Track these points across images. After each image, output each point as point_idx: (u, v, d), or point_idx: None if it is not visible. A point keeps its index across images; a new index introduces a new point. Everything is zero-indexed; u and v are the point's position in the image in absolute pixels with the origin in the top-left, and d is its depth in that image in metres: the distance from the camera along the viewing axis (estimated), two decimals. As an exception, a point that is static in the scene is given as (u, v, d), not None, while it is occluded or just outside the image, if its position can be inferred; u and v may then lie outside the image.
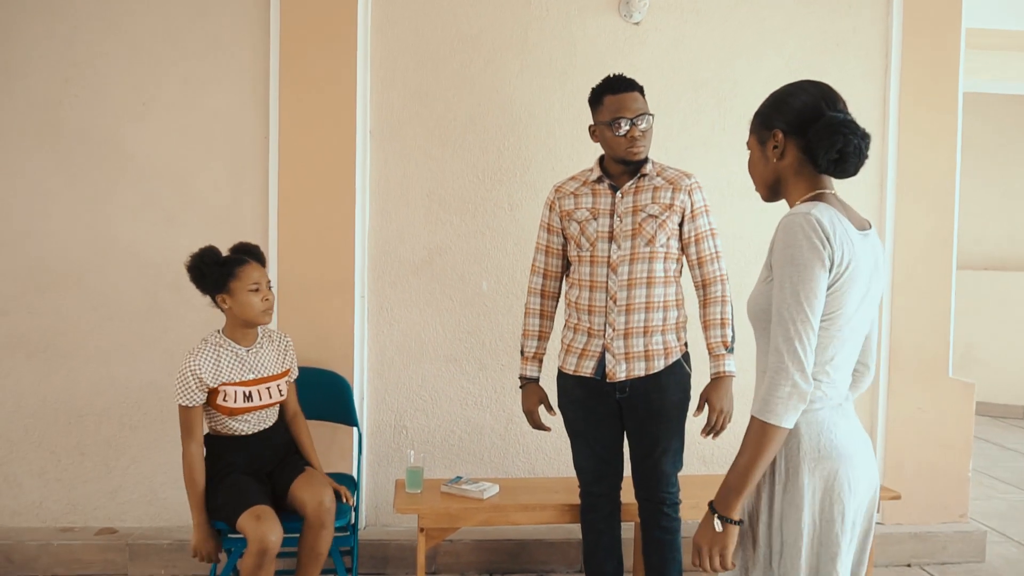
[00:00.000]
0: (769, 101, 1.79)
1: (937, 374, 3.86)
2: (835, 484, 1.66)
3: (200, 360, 2.78)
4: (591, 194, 2.78)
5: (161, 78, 3.47)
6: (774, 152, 1.75)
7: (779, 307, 1.62)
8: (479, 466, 3.66)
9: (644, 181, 2.75)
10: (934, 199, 3.81)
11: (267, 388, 2.88)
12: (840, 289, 1.63)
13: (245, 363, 2.85)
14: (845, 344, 1.70)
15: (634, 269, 2.71)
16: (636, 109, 2.68)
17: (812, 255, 1.59)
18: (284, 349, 3.00)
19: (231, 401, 2.80)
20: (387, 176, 3.56)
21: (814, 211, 1.62)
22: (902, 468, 3.83)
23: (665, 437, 2.76)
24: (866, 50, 3.76)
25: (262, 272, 2.84)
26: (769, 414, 1.62)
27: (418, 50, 3.55)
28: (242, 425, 2.87)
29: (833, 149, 1.66)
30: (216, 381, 2.78)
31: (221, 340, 2.85)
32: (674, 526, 2.82)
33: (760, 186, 1.84)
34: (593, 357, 2.76)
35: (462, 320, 3.63)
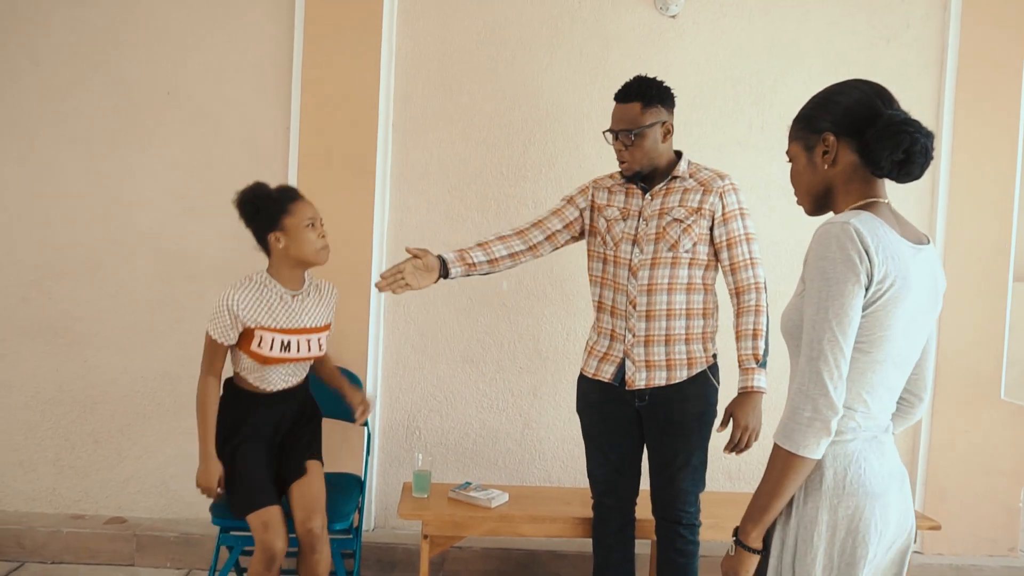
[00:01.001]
0: (814, 103, 1.63)
1: (987, 395, 3.61)
2: (860, 524, 1.50)
3: (240, 296, 2.58)
4: (624, 193, 2.67)
5: (184, 67, 3.44)
6: (824, 158, 1.59)
7: (808, 325, 1.48)
8: (493, 471, 3.54)
9: (675, 183, 2.62)
10: (991, 206, 3.56)
11: (307, 340, 2.66)
12: (882, 309, 1.47)
13: (289, 309, 2.64)
14: (887, 371, 1.53)
15: (655, 274, 2.58)
16: (621, 122, 2.56)
17: (846, 269, 1.44)
18: (329, 301, 2.78)
19: (266, 348, 2.59)
20: (408, 170, 3.47)
21: (854, 220, 1.47)
22: (945, 495, 3.59)
23: (684, 451, 2.61)
24: (920, 46, 3.53)
25: (315, 208, 2.65)
26: (788, 441, 1.47)
27: (444, 42, 3.45)
28: (271, 377, 2.69)
29: (899, 149, 1.49)
30: (253, 322, 2.59)
31: (267, 280, 2.64)
32: (690, 549, 2.65)
33: (805, 198, 1.66)
34: (613, 362, 2.65)
35: (480, 320, 3.51)
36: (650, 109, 2.56)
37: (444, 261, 2.58)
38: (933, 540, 3.58)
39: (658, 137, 2.57)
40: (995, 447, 3.61)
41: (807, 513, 1.52)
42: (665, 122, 2.58)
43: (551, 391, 3.53)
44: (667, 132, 2.59)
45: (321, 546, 2.65)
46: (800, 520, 1.53)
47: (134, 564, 3.39)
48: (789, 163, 1.70)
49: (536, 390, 3.53)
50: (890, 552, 1.57)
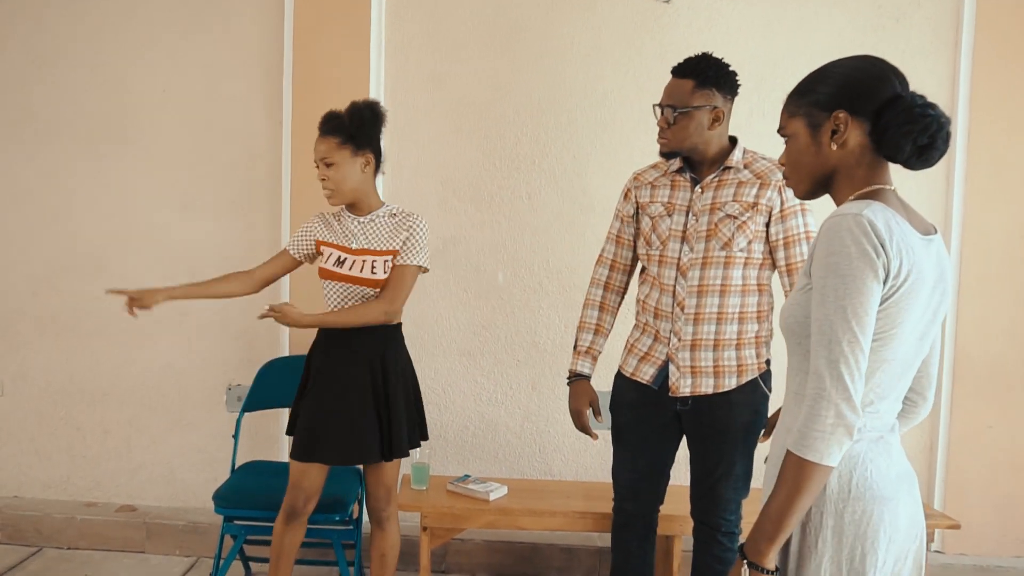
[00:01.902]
0: (822, 76, 1.49)
1: (1010, 388, 3.43)
2: (868, 530, 1.41)
3: (319, 217, 2.67)
4: (670, 186, 2.46)
5: (179, 65, 3.49)
6: (834, 139, 1.46)
7: (821, 324, 1.36)
8: (492, 464, 3.52)
9: (729, 174, 2.38)
10: (1011, 192, 3.38)
11: (363, 261, 2.55)
12: (896, 304, 1.37)
13: (348, 229, 2.61)
14: (896, 369, 1.43)
15: (706, 275, 2.37)
16: (670, 97, 2.36)
17: (863, 264, 1.33)
18: (400, 228, 2.59)
19: (324, 261, 2.59)
20: (400, 163, 3.46)
21: (867, 211, 1.35)
22: (966, 492, 3.43)
23: (727, 460, 2.42)
24: (932, 25, 3.36)
25: (327, 146, 2.52)
26: (807, 450, 1.35)
27: (434, 33, 3.42)
28: (332, 298, 2.61)
29: (926, 133, 1.38)
30: (323, 237, 2.62)
31: (340, 209, 2.67)
32: (728, 556, 2.49)
33: (804, 180, 1.53)
34: (655, 364, 2.45)
35: (477, 313, 3.49)
36: (703, 90, 2.33)
37: (587, 376, 2.59)
38: (955, 539, 3.42)
39: (704, 122, 2.34)
40: (1021, 442, 3.43)
41: (811, 519, 1.43)
42: (716, 107, 2.34)
43: (550, 384, 3.49)
44: (717, 119, 2.35)
45: (390, 526, 2.72)
46: (805, 527, 1.43)
47: (144, 551, 3.48)
48: (785, 140, 1.56)
49: (535, 383, 3.49)
50: (907, 562, 1.47)
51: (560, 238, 3.43)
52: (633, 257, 2.59)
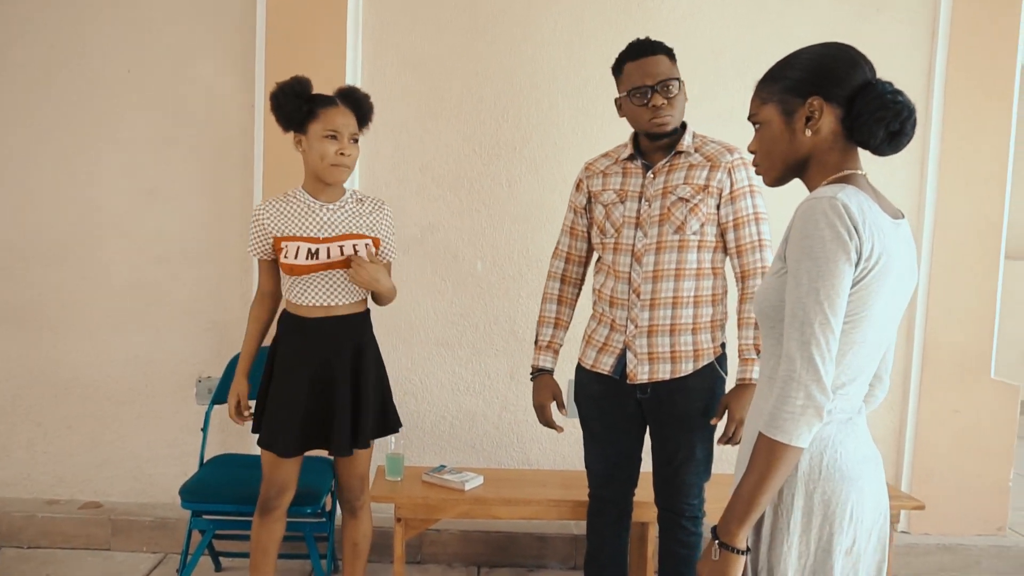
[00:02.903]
0: (794, 63, 1.49)
1: (977, 374, 3.48)
2: (836, 510, 1.43)
3: (267, 208, 2.47)
4: (622, 173, 2.44)
5: (146, 45, 3.32)
6: (809, 125, 1.46)
7: (794, 307, 1.37)
8: (470, 454, 3.46)
9: (680, 159, 2.38)
10: (983, 182, 3.41)
11: (340, 246, 2.43)
12: (867, 287, 1.37)
13: (317, 218, 2.45)
14: (866, 351, 1.44)
15: (661, 260, 2.36)
16: (659, 74, 2.30)
17: (836, 247, 1.34)
18: (376, 217, 2.52)
19: (291, 257, 2.41)
20: (378, 149, 3.34)
21: (841, 195, 1.36)
22: (932, 474, 3.49)
23: (687, 445, 2.44)
24: (910, 16, 3.35)
25: (349, 121, 2.42)
26: (778, 431, 1.36)
27: (413, 16, 3.30)
28: (307, 292, 2.45)
29: (897, 119, 1.40)
30: (279, 231, 2.44)
31: (297, 192, 2.49)
32: (693, 540, 2.51)
33: (776, 167, 1.52)
34: (613, 353, 2.45)
35: (455, 302, 3.41)
36: (675, 65, 2.35)
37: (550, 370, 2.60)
38: (920, 519, 3.48)
39: (685, 96, 2.38)
40: (985, 427, 3.50)
41: (782, 500, 1.44)
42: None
43: (528, 373, 3.40)
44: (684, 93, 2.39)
45: (363, 515, 2.68)
46: (777, 508, 1.44)
47: (110, 548, 3.35)
48: (756, 127, 1.54)
49: (513, 372, 3.44)
50: (871, 540, 1.49)
51: (540, 226, 3.36)
52: (588, 248, 2.59)
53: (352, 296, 2.52)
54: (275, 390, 2.50)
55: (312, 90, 2.42)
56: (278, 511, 2.56)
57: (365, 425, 2.53)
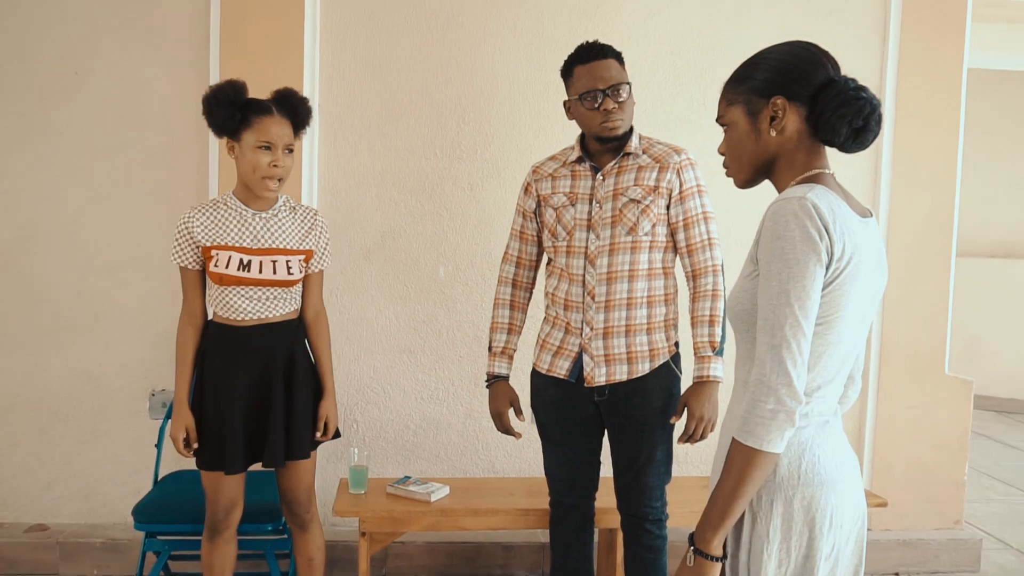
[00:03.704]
0: (758, 63, 1.47)
1: (932, 370, 3.52)
2: (816, 516, 1.39)
3: (196, 215, 2.34)
4: (570, 176, 2.43)
5: (94, 46, 3.17)
6: (773, 125, 1.44)
7: (765, 310, 1.34)
8: (435, 463, 3.36)
9: (628, 160, 2.39)
10: (933, 182, 3.46)
11: (272, 261, 2.34)
12: (840, 288, 1.35)
13: (250, 227, 2.35)
14: (841, 353, 1.41)
15: (614, 261, 2.36)
16: (610, 78, 2.30)
17: (806, 248, 1.31)
18: (310, 228, 2.44)
19: (222, 266, 2.30)
20: (337, 153, 3.25)
21: (810, 195, 1.34)
22: (891, 471, 3.50)
23: (648, 447, 2.42)
24: (861, 19, 3.39)
25: (284, 131, 2.31)
26: (750, 436, 1.33)
27: (372, 17, 3.22)
28: (237, 303, 2.34)
29: (860, 116, 1.38)
30: (209, 240, 2.32)
31: (227, 198, 2.38)
32: (657, 544, 2.48)
33: (745, 168, 1.50)
34: (568, 357, 2.43)
35: (417, 308, 3.32)
36: (624, 69, 2.36)
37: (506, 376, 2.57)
38: (880, 516, 3.49)
39: (633, 99, 2.39)
40: (940, 422, 3.53)
41: (761, 507, 1.40)
42: None
43: (493, 379, 3.35)
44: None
45: (313, 527, 2.57)
46: (756, 515, 1.41)
47: (58, 573, 3.16)
48: (724, 129, 1.53)
49: (477, 379, 3.35)
50: (849, 544, 1.46)
51: (503, 230, 3.25)
52: (538, 252, 2.57)
53: (285, 307, 2.44)
54: (210, 407, 2.38)
55: (247, 95, 2.33)
56: (228, 532, 2.45)
57: (303, 434, 2.45)
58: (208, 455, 2.38)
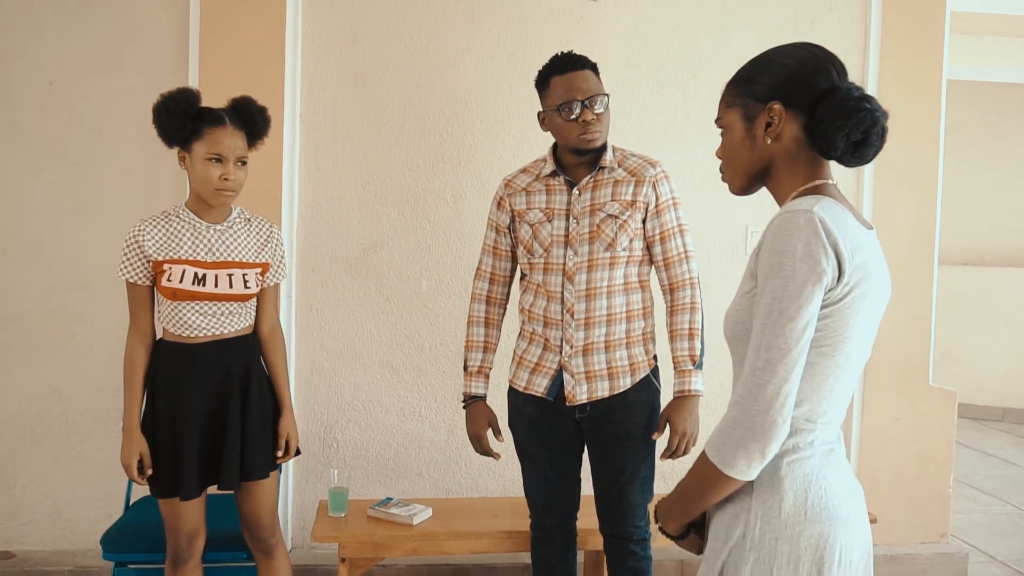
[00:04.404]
0: (757, 65, 1.39)
1: (916, 381, 3.48)
2: (825, 554, 1.28)
3: (148, 228, 2.22)
4: (545, 191, 2.35)
5: (69, 56, 3.05)
6: (768, 132, 1.36)
7: (755, 328, 1.26)
8: (416, 482, 3.25)
9: (604, 174, 2.31)
10: (915, 193, 3.43)
11: (228, 275, 2.24)
12: (849, 307, 1.26)
13: (204, 240, 2.25)
14: (846, 374, 1.32)
15: (593, 277, 2.29)
16: (588, 89, 2.24)
17: (807, 266, 1.22)
18: (266, 240, 2.36)
19: (175, 280, 2.18)
20: (318, 165, 3.14)
21: (817, 208, 1.24)
22: (877, 484, 3.45)
23: (631, 463, 2.34)
24: (843, 28, 3.37)
25: (237, 143, 2.21)
26: (715, 454, 1.27)
27: (354, 27, 3.13)
28: (190, 320, 2.22)
29: (859, 129, 1.28)
30: (162, 254, 2.20)
31: (180, 211, 2.27)
32: (643, 565, 2.39)
33: (739, 176, 1.42)
34: (547, 375, 2.35)
35: (400, 323, 3.22)
36: (600, 80, 2.30)
37: (483, 396, 2.48)
38: (868, 530, 3.43)
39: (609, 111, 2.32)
40: (926, 434, 3.49)
41: (764, 544, 1.29)
42: None
43: (477, 395, 3.25)
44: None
45: (279, 552, 2.44)
46: (757, 552, 1.29)
47: (25, 602, 3.00)
48: (721, 132, 1.45)
49: (460, 395, 3.24)
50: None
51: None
52: (512, 267, 2.49)
53: (240, 322, 2.33)
54: (164, 430, 2.24)
55: (200, 104, 2.23)
56: (193, 561, 2.32)
57: (260, 453, 2.33)
58: (164, 482, 2.24)
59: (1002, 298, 6.24)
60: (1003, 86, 5.70)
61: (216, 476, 2.29)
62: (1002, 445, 5.60)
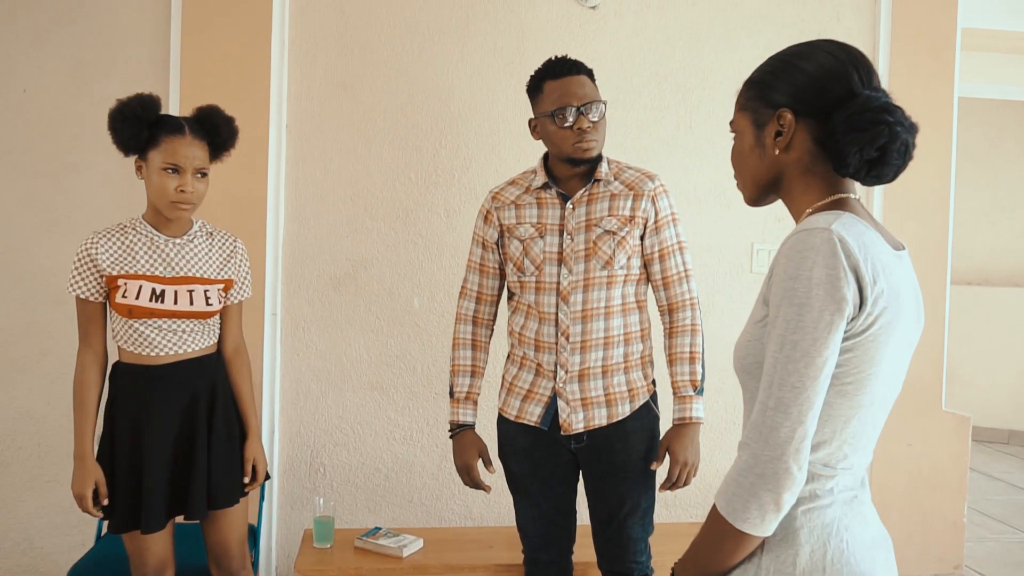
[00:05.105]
0: (772, 66, 1.24)
1: (929, 406, 3.30)
2: None
3: (101, 241, 2.07)
4: (536, 204, 2.16)
5: (44, 61, 2.89)
6: (777, 141, 1.20)
7: (767, 362, 1.10)
8: (407, 510, 3.06)
9: (599, 187, 2.13)
10: (926, 214, 3.28)
11: (189, 291, 2.09)
12: (874, 339, 1.09)
13: (162, 254, 2.10)
14: (873, 414, 1.16)
15: (589, 298, 2.10)
16: (584, 95, 2.05)
17: (825, 294, 1.06)
18: (229, 255, 2.21)
19: (131, 297, 2.02)
20: (305, 177, 2.97)
21: (836, 226, 1.09)
22: (889, 512, 3.25)
23: (631, 496, 2.14)
24: (850, 40, 3.15)
25: (196, 154, 2.05)
26: (727, 507, 1.11)
27: (343, 34, 2.97)
28: (149, 338, 2.06)
29: (873, 145, 1.12)
30: (116, 269, 2.05)
31: (136, 223, 2.12)
32: None
33: (748, 184, 1.27)
34: (540, 402, 2.15)
35: (390, 342, 3.03)
36: (596, 86, 2.12)
37: (472, 424, 2.27)
38: (877, 560, 3.23)
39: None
40: (939, 460, 3.31)
41: None
42: None
43: (471, 418, 3.06)
44: None
45: None
46: None
47: (-8, 635, 2.81)
48: (732, 135, 1.29)
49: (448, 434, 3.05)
50: None
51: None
52: (500, 286, 2.29)
53: (203, 341, 2.16)
54: (124, 458, 2.07)
55: (159, 111, 2.07)
56: None
57: (226, 479, 2.16)
58: (122, 514, 2.06)
59: (1005, 318, 6.05)
60: (1004, 103, 5.56)
61: (183, 505, 2.11)
62: (1009, 469, 5.39)
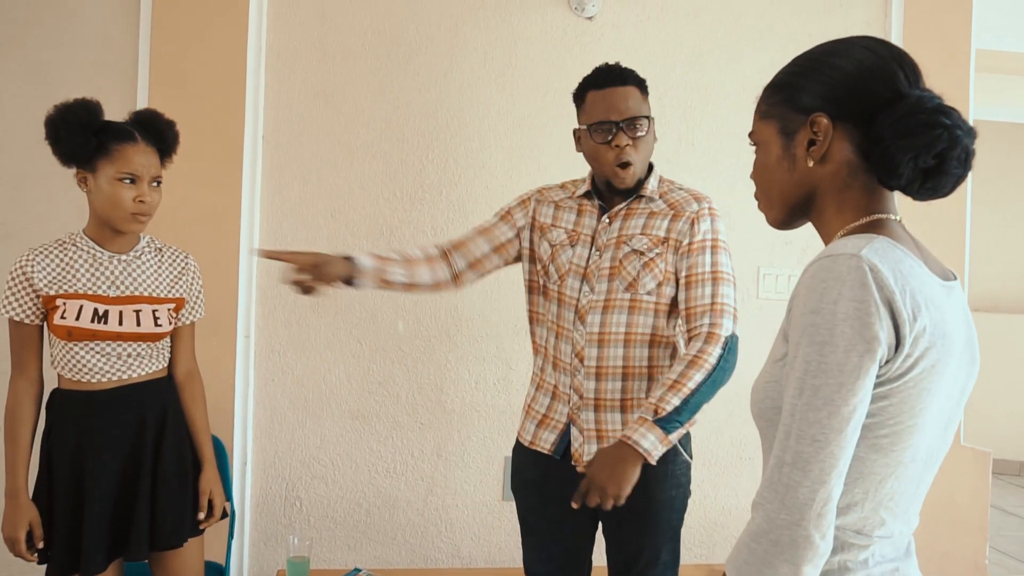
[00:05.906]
0: (801, 67, 1.06)
1: (946, 440, 3.02)
2: None
3: (38, 258, 1.87)
4: (576, 211, 1.98)
5: (5, 65, 2.68)
6: (811, 152, 1.02)
7: (785, 408, 0.93)
8: (390, 548, 2.80)
9: (640, 203, 1.93)
10: (943, 239, 3.03)
11: (135, 311, 1.89)
12: (916, 384, 0.92)
13: (106, 272, 1.91)
14: (916, 473, 0.98)
15: (608, 320, 1.87)
16: (627, 110, 1.85)
17: (853, 332, 0.89)
18: (180, 272, 2.03)
19: (71, 318, 1.82)
20: (282, 191, 2.76)
21: (867, 252, 0.92)
22: (906, 553, 2.97)
23: (652, 546, 1.90)
24: (861, 55, 2.98)
25: (151, 161, 1.89)
26: (738, 574, 0.94)
27: (324, 42, 2.77)
28: (90, 363, 1.86)
29: (931, 151, 0.95)
30: (54, 288, 1.85)
31: (77, 238, 1.93)
32: None
33: (775, 205, 1.08)
34: (555, 429, 1.93)
35: (372, 368, 2.79)
36: (646, 99, 1.93)
37: (354, 264, 1.83)
38: (892, 605, 2.95)
39: (654, 136, 1.96)
40: (958, 497, 3.04)
41: None
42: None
43: (458, 450, 2.82)
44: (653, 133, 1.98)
45: None
46: None
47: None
48: (753, 148, 1.09)
49: (440, 449, 2.82)
50: None
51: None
52: (491, 262, 2.03)
53: (150, 365, 1.95)
54: (63, 495, 1.85)
55: (103, 117, 1.88)
56: None
57: (172, 516, 1.93)
58: (60, 557, 1.84)
59: (1013, 346, 5.79)
60: (1010, 126, 5.35)
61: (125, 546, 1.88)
62: (1023, 503, 5.10)
